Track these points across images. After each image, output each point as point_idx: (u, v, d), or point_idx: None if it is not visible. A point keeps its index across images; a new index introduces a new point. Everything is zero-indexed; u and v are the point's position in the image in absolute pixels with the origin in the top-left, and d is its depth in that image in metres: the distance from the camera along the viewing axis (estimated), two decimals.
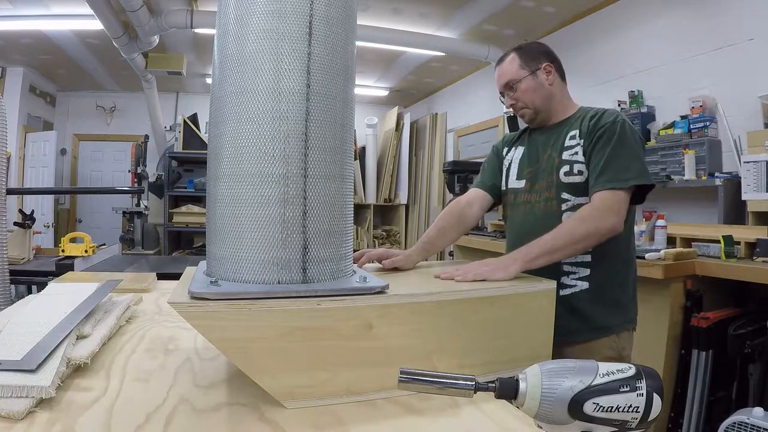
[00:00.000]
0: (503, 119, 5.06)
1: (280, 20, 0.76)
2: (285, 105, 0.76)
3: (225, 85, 0.79)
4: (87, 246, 2.61)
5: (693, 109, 2.99)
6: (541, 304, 0.97)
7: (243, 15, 0.78)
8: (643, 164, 1.26)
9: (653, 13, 3.46)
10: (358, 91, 6.87)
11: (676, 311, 2.19)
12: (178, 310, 0.69)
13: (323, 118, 0.78)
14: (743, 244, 2.26)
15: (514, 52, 1.44)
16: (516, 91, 1.41)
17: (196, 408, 0.73)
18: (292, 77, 0.76)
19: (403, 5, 4.21)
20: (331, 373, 0.76)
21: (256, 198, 0.76)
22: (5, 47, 5.06)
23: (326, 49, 0.78)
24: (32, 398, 0.68)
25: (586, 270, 1.31)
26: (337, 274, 0.82)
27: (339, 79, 0.81)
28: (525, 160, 1.44)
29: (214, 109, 0.83)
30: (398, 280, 0.95)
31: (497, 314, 0.91)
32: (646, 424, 0.52)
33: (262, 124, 0.76)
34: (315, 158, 0.77)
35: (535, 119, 1.44)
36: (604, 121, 1.30)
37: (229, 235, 0.78)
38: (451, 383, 0.54)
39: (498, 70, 1.47)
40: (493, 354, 0.91)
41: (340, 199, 0.83)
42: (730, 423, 1.71)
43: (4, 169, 1.35)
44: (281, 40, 0.76)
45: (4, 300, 1.36)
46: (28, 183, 5.95)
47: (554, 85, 1.41)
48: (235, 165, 0.78)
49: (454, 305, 0.85)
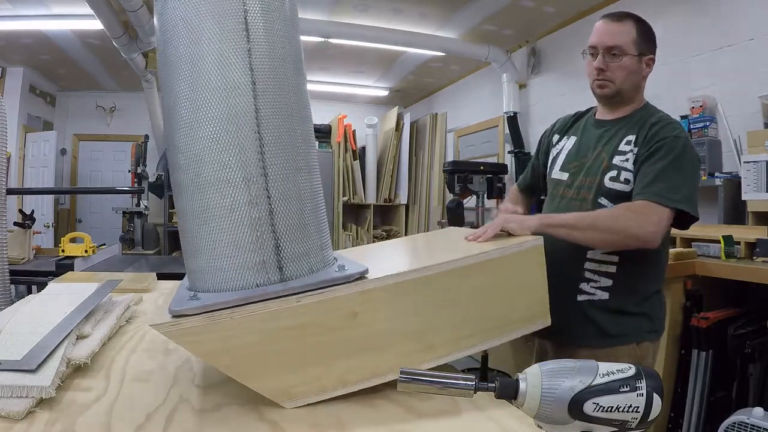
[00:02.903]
0: (503, 119, 5.06)
1: (215, 21, 0.74)
2: (233, 107, 0.74)
3: (172, 95, 0.77)
4: (87, 246, 2.61)
5: (693, 109, 2.99)
6: (531, 262, 0.95)
7: (180, 20, 0.75)
8: (693, 191, 1.18)
9: (653, 13, 3.45)
10: (359, 91, 6.87)
11: (676, 311, 2.19)
12: (160, 331, 0.69)
13: (274, 113, 0.76)
14: (743, 244, 2.26)
15: (633, 21, 1.28)
16: (615, 61, 1.26)
17: (196, 408, 0.73)
18: (235, 77, 0.74)
19: (403, 5, 4.20)
20: (324, 366, 0.76)
21: (220, 205, 0.74)
22: (5, 47, 5.06)
23: (266, 42, 0.76)
24: (32, 398, 0.68)
25: (608, 280, 1.25)
26: (315, 267, 0.80)
27: (285, 71, 0.78)
28: (574, 153, 1.38)
29: (166, 121, 0.80)
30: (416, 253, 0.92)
31: (487, 280, 0.89)
32: (646, 424, 0.52)
33: (214, 130, 0.74)
34: (272, 155, 0.76)
35: (610, 98, 1.32)
36: (666, 133, 1.21)
37: (201, 247, 0.77)
38: (451, 383, 0.54)
39: (610, 27, 1.28)
40: (490, 321, 0.89)
41: (308, 191, 0.81)
42: (730, 423, 1.71)
43: (4, 169, 1.35)
44: (220, 41, 0.73)
45: (4, 300, 1.36)
46: (28, 183, 5.95)
47: (644, 80, 1.32)
48: (194, 175, 0.76)
49: (439, 279, 0.82)
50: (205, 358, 0.71)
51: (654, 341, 1.31)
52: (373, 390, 0.81)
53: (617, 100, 1.32)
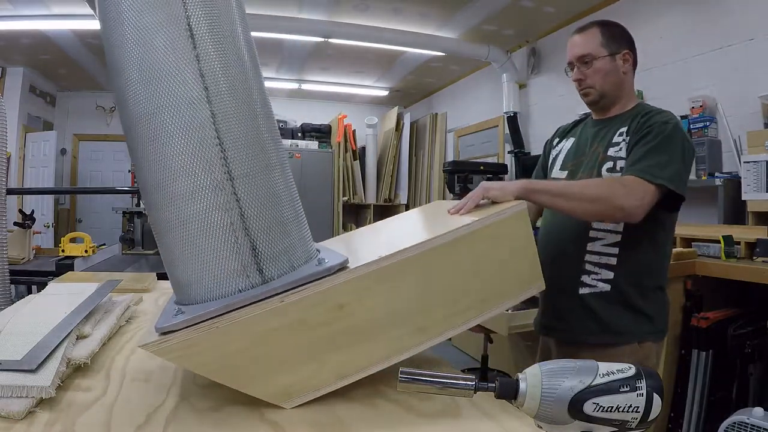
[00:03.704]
0: (503, 119, 5.06)
1: (157, 33, 0.72)
2: (188, 118, 0.72)
3: (127, 112, 0.76)
4: (87, 246, 2.61)
5: (693, 109, 2.99)
6: (514, 229, 0.92)
7: (129, 37, 0.73)
8: (680, 171, 1.20)
9: (653, 13, 3.46)
10: (359, 91, 6.87)
11: (676, 311, 2.19)
12: (149, 351, 0.69)
13: (231, 115, 0.75)
14: (743, 244, 2.27)
15: (597, 26, 1.35)
16: (589, 68, 1.33)
17: (196, 408, 0.73)
18: (186, 86, 0.72)
19: (403, 5, 4.21)
20: (317, 363, 0.75)
21: (190, 217, 0.73)
22: (5, 47, 5.06)
23: (213, 46, 0.74)
24: (32, 398, 0.68)
25: (609, 273, 1.27)
26: (296, 263, 0.78)
27: (237, 72, 0.77)
28: (572, 152, 1.42)
29: (127, 138, 0.79)
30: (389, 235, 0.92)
31: (471, 254, 0.86)
32: (646, 424, 0.52)
33: (172, 144, 0.72)
34: (235, 159, 0.74)
35: (597, 103, 1.37)
36: (655, 120, 1.24)
37: (180, 260, 0.76)
38: (451, 383, 0.54)
39: (575, 39, 1.36)
40: (481, 293, 0.87)
41: (281, 187, 0.79)
42: (730, 423, 1.71)
43: (4, 169, 1.35)
44: (166, 52, 0.72)
45: (4, 300, 1.36)
46: (28, 183, 5.95)
47: (627, 75, 1.35)
48: (161, 191, 0.75)
49: (422, 259, 0.81)
50: (197, 370, 0.71)
51: (657, 342, 1.31)
52: (373, 390, 0.81)
53: (605, 102, 1.36)
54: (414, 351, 0.81)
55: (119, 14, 0.73)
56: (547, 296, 1.39)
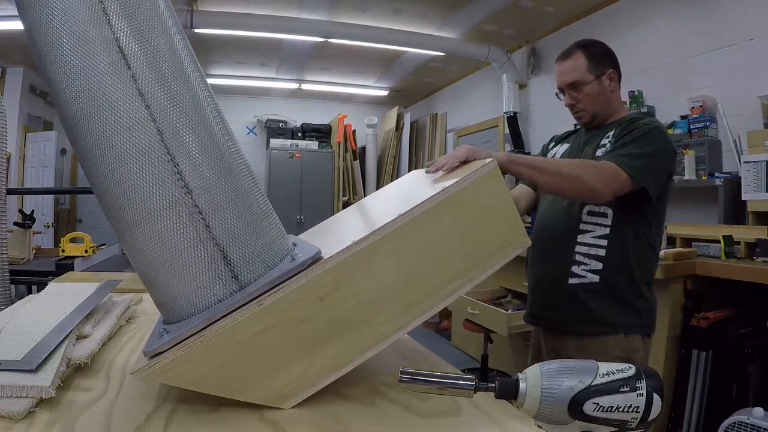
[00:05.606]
0: (503, 119, 5.06)
1: (89, 62, 0.70)
2: (135, 140, 0.71)
3: (79, 145, 0.75)
4: (87, 246, 2.61)
5: (693, 109, 2.99)
6: (490, 187, 0.90)
7: (62, 70, 0.71)
8: (652, 166, 1.24)
9: (653, 13, 3.46)
10: (359, 91, 6.88)
11: (676, 311, 2.19)
12: (141, 376, 0.69)
13: (179, 129, 0.73)
14: (743, 244, 2.27)
15: (580, 50, 1.41)
16: (579, 93, 1.41)
17: (196, 408, 0.73)
18: (128, 110, 0.71)
19: (403, 5, 4.21)
20: (308, 359, 0.75)
21: (153, 238, 0.72)
22: (5, 47, 5.06)
23: (147, 63, 0.72)
24: (32, 398, 0.68)
25: (598, 264, 1.31)
26: (271, 263, 0.77)
27: (177, 82, 0.75)
28: (566, 155, 1.48)
29: (83, 169, 0.78)
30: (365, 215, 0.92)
31: (448, 221, 0.84)
32: (646, 424, 0.52)
33: (123, 168, 0.71)
34: (190, 171, 0.73)
35: (591, 123, 1.45)
36: (640, 122, 1.31)
37: (155, 281, 0.76)
38: (451, 383, 0.54)
39: (562, 66, 1.43)
40: (467, 259, 0.86)
41: (244, 189, 0.78)
42: (730, 423, 1.71)
43: (4, 169, 1.35)
44: (101, 78, 0.70)
45: (4, 300, 1.36)
46: (28, 183, 5.95)
47: (614, 92, 1.43)
48: (121, 216, 0.74)
49: (395, 236, 0.78)
50: (191, 387, 0.71)
51: (644, 337, 1.33)
52: (373, 390, 0.81)
53: (598, 120, 1.45)
54: (407, 329, 0.81)
55: (53, 50, 0.72)
56: (537, 286, 1.45)
